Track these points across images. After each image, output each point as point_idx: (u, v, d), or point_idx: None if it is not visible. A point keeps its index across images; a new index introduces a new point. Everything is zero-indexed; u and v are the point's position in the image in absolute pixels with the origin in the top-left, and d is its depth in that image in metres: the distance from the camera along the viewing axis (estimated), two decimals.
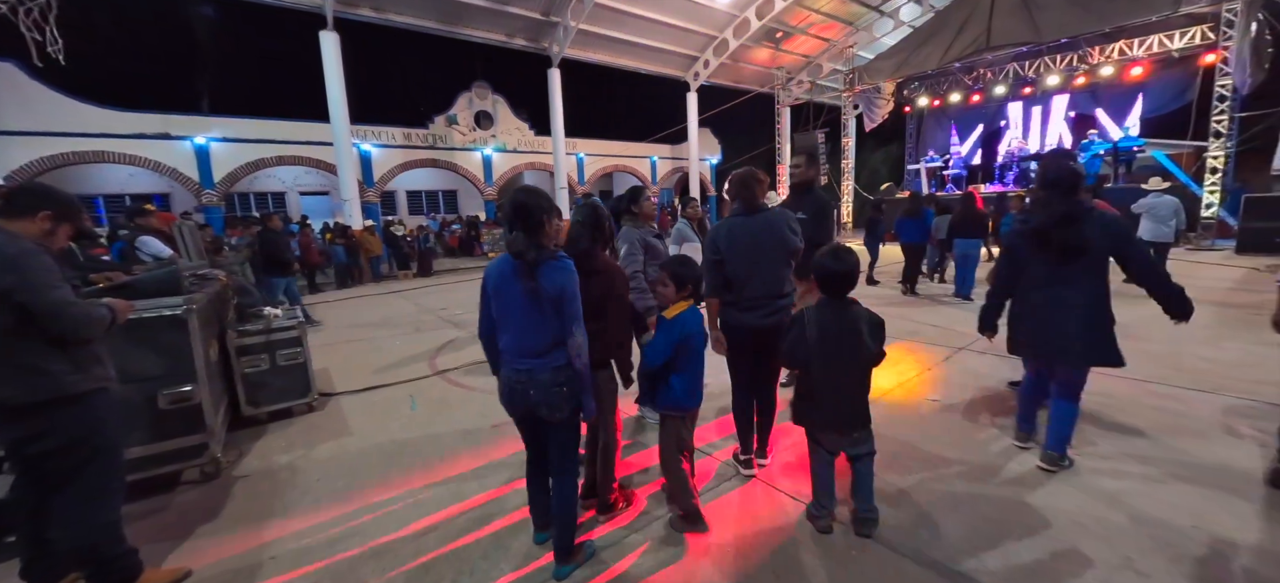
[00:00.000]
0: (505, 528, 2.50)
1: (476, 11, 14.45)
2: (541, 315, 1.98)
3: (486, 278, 2.08)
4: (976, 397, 3.80)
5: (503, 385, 2.11)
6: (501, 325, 2.07)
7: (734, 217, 2.70)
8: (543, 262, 1.95)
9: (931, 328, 5.72)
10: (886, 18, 17.68)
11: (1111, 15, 11.59)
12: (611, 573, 2.18)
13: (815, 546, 2.27)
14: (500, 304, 2.05)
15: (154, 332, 2.92)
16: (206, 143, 15.43)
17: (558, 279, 1.96)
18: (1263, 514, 2.32)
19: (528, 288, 1.95)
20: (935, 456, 2.99)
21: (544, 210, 1.97)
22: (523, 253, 1.94)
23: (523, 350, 2.02)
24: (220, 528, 2.65)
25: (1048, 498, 2.51)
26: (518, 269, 1.97)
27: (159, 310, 2.93)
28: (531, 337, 2.01)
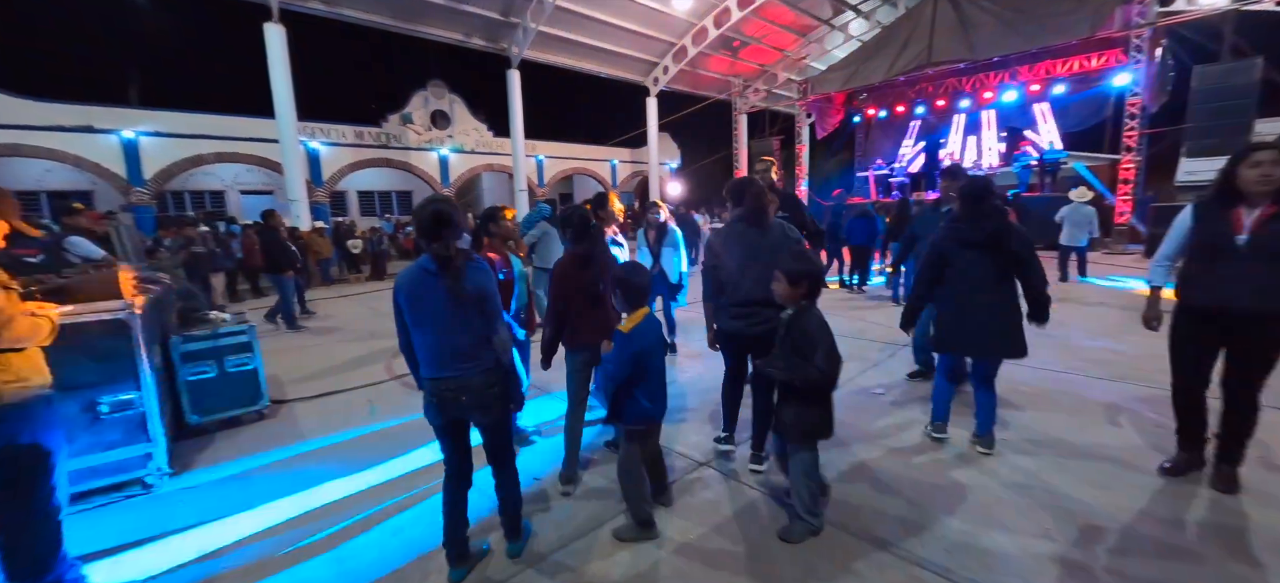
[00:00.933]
0: (475, 531, 2.53)
1: (433, 9, 14.18)
2: (466, 317, 2.02)
3: (398, 290, 2.02)
4: (914, 389, 4.08)
5: (429, 396, 2.07)
6: (421, 333, 2.04)
7: (736, 223, 2.79)
8: (463, 264, 2.00)
9: (876, 325, 6.06)
10: (837, 32, 18.48)
11: (1037, 37, 12.55)
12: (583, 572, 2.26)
13: (775, 531, 2.41)
14: (419, 312, 2.01)
15: (93, 337, 2.78)
16: (136, 137, 14.46)
17: (479, 279, 2.04)
18: (1153, 486, 2.63)
19: (451, 289, 1.97)
20: (879, 443, 3.21)
21: (458, 218, 2.02)
22: (449, 257, 1.97)
23: (449, 355, 2.03)
24: (168, 544, 2.56)
25: (977, 477, 2.76)
26: (440, 273, 1.97)
27: (98, 315, 2.80)
28: (457, 339, 2.03)
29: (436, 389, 2.04)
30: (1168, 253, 2.64)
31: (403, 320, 2.05)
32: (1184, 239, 2.55)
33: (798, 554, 2.25)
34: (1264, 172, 2.24)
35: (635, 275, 2.37)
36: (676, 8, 15.94)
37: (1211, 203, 2.44)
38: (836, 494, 2.67)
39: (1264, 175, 2.24)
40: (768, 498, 2.67)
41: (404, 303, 2.01)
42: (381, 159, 19.19)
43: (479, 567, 2.25)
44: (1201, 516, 2.39)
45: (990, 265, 2.86)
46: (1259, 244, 2.27)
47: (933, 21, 13.37)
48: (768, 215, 2.76)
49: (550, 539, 2.42)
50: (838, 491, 2.70)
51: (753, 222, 2.73)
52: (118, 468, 2.90)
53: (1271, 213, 2.27)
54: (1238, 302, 2.33)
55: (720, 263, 2.72)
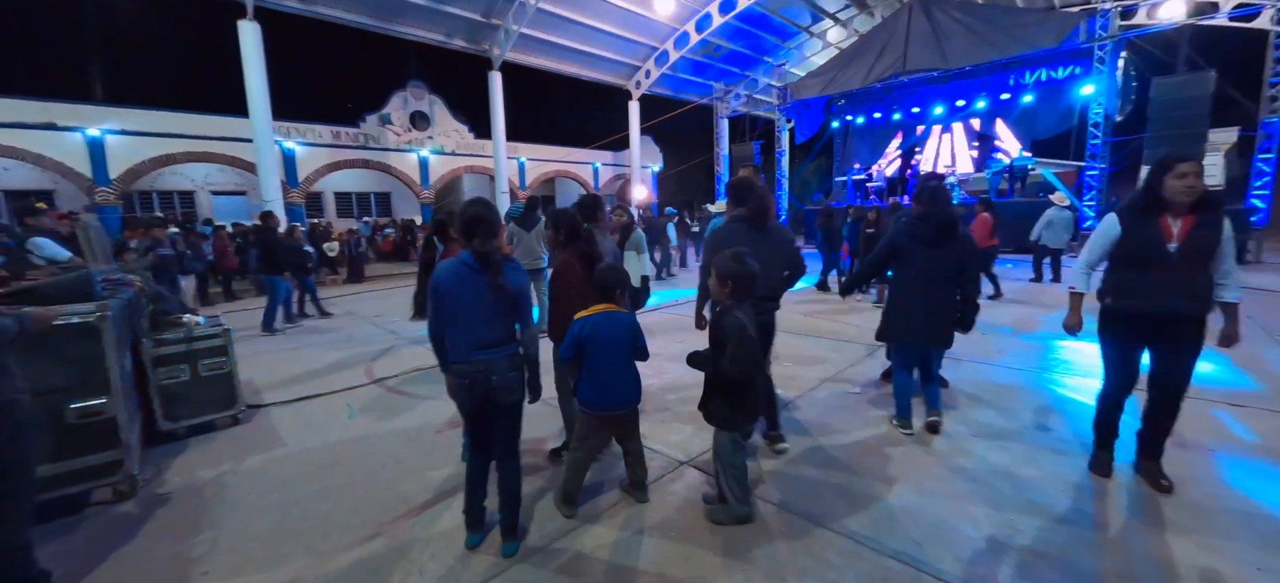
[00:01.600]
0: (454, 528, 2.53)
1: (413, 9, 14.04)
2: (500, 311, 2.24)
3: (439, 281, 2.21)
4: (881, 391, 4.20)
5: (460, 378, 2.23)
6: (455, 323, 2.22)
7: (737, 222, 2.97)
8: (505, 263, 2.24)
9: (854, 327, 6.20)
10: (816, 38, 18.80)
11: (1006, 47, 12.97)
12: (568, 557, 2.29)
13: (757, 527, 2.47)
14: (456, 303, 2.20)
15: (62, 341, 2.71)
16: (102, 135, 13.99)
17: (516, 277, 2.28)
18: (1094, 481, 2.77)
19: (493, 285, 2.19)
20: (850, 437, 3.30)
21: (498, 219, 2.29)
22: (489, 255, 2.18)
23: (480, 343, 2.21)
24: (141, 550, 2.50)
25: (942, 469, 2.86)
26: (480, 270, 2.18)
27: (68, 318, 2.73)
28: (490, 330, 2.23)
29: (467, 373, 2.22)
30: (1090, 260, 2.69)
31: (440, 311, 2.22)
32: (1108, 247, 2.60)
33: (770, 546, 2.31)
34: (1188, 183, 2.37)
35: (606, 273, 2.59)
36: (659, 11, 16.05)
37: (1137, 212, 2.52)
38: (810, 485, 2.76)
39: (1188, 186, 2.37)
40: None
41: (444, 295, 2.20)
42: (359, 160, 18.88)
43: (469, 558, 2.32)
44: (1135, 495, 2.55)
45: (939, 262, 3.15)
46: (1188, 251, 2.40)
47: (908, 31, 13.72)
48: (770, 216, 2.98)
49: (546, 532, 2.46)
50: (810, 482, 2.79)
51: (755, 222, 2.92)
52: (85, 476, 2.82)
53: (1193, 221, 2.40)
54: (1171, 306, 2.44)
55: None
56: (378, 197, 22.46)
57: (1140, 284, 2.50)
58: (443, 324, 2.24)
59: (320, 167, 17.89)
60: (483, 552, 2.37)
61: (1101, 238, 2.63)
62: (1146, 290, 2.48)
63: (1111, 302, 2.62)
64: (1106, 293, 2.65)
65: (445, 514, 2.66)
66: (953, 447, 3.18)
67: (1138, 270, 2.51)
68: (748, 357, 2.28)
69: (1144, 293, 2.49)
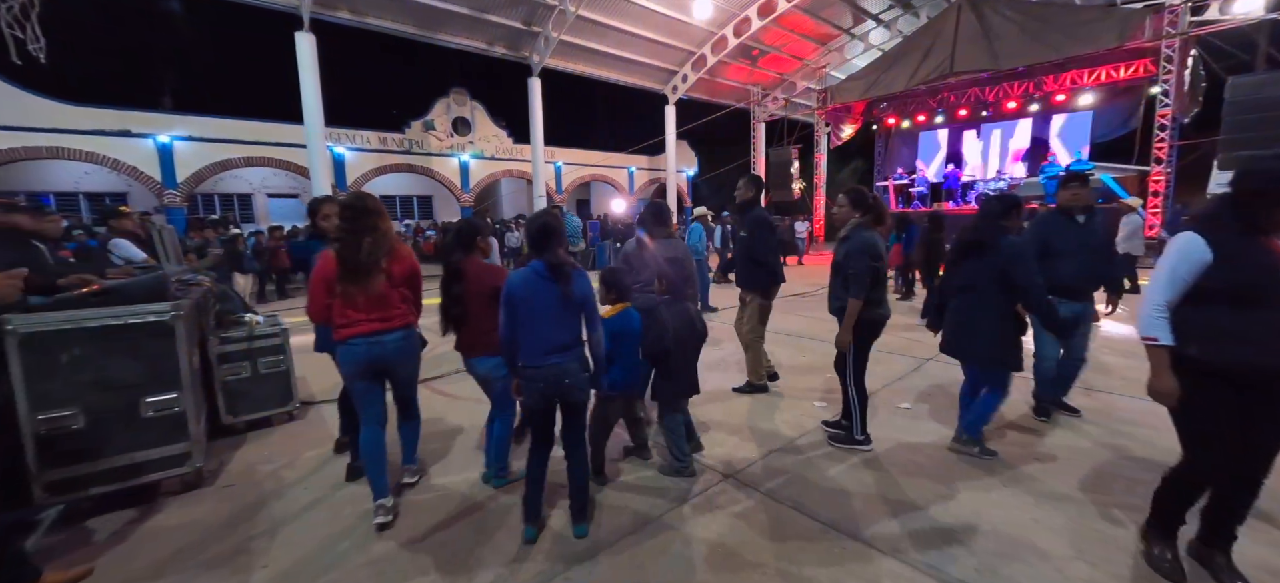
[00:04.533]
0: (502, 524, 2.56)
1: (456, 18, 14.44)
2: (570, 316, 2.40)
3: (511, 290, 2.38)
4: (941, 403, 4.03)
5: (533, 380, 2.39)
6: (528, 327, 2.37)
7: (866, 227, 3.25)
8: (571, 271, 2.39)
9: (900, 338, 5.99)
10: (857, 40, 18.41)
11: (1063, 46, 12.37)
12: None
13: (808, 547, 2.41)
14: (528, 310, 2.36)
15: (138, 339, 2.88)
16: (170, 141, 14.93)
17: (584, 285, 2.43)
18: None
19: (563, 292, 2.34)
20: (904, 455, 3.18)
21: (566, 230, 2.31)
22: (560, 264, 2.35)
23: (553, 347, 2.37)
24: (206, 538, 2.62)
25: (996, 491, 2.72)
26: (551, 278, 2.35)
27: (144, 317, 2.90)
28: (561, 334, 2.38)
29: (540, 376, 2.37)
30: (1170, 297, 1.98)
31: (510, 316, 2.38)
32: (1194, 277, 1.93)
33: (826, 570, 2.24)
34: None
35: (615, 275, 2.88)
36: (697, 17, 16.02)
37: (1232, 235, 1.92)
38: (862, 505, 2.66)
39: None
40: (793, 510, 2.67)
41: (517, 301, 2.35)
42: (404, 164, 19.55)
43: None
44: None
45: (977, 272, 3.05)
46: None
47: (955, 31, 13.27)
48: (887, 220, 3.46)
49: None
50: (861, 501, 2.69)
51: (879, 222, 3.28)
52: (156, 466, 2.98)
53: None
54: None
55: (881, 261, 3.19)
56: (420, 199, 23.18)
57: (1256, 330, 1.86)
58: (515, 329, 2.39)
59: (367, 171, 18.59)
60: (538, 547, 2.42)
61: (1184, 265, 1.95)
62: (1267, 338, 1.86)
63: (1200, 352, 1.94)
64: (1192, 341, 1.96)
65: (498, 510, 2.70)
66: (1013, 475, 3.02)
67: (1248, 311, 1.87)
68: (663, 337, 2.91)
69: (1262, 342, 1.86)
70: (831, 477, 3.01)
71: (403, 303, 2.68)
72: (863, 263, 3.08)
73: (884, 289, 3.26)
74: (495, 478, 2.98)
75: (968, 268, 3.11)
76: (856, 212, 3.25)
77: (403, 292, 2.68)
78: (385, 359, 2.64)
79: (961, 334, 3.14)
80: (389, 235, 2.60)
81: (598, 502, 2.79)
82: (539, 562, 2.34)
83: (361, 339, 2.57)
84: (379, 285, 2.55)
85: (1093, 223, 3.59)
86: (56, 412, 2.69)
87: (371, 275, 2.52)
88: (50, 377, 2.67)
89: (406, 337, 2.70)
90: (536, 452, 2.53)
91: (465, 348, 2.91)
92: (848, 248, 3.18)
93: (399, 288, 2.65)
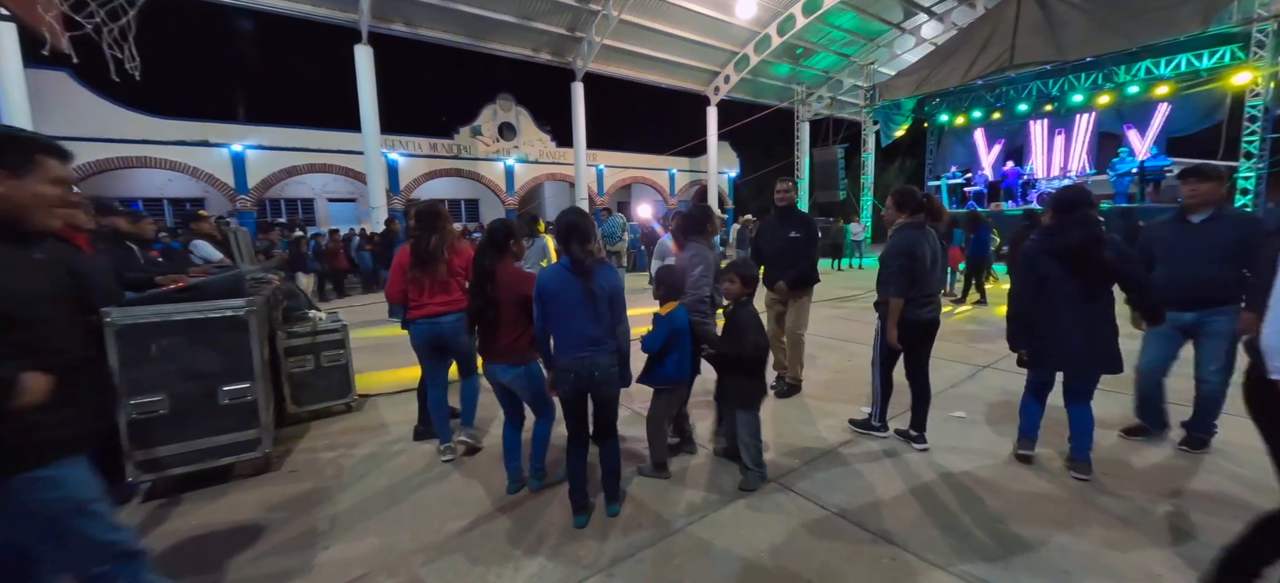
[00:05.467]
0: (549, 512, 2.63)
1: (504, 27, 14.86)
2: (597, 311, 2.46)
3: (542, 285, 2.47)
4: (999, 413, 3.84)
5: (566, 372, 2.47)
6: (559, 323, 2.46)
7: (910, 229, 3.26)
8: (593, 266, 2.43)
9: (954, 345, 5.74)
10: (908, 35, 17.75)
11: (1137, 34, 11.50)
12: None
13: (855, 560, 2.35)
14: (559, 305, 2.44)
15: (217, 332, 3.11)
16: (243, 150, 16.02)
17: (610, 279, 2.49)
18: None
19: (586, 287, 2.40)
20: (961, 464, 3.05)
21: (592, 227, 2.52)
22: (583, 261, 2.40)
23: (584, 341, 2.45)
24: (273, 520, 2.80)
25: (1062, 504, 2.56)
26: (576, 274, 2.41)
27: (222, 312, 3.13)
28: (591, 328, 2.46)
29: (572, 368, 2.45)
30: None
31: (543, 312, 2.47)
32: None
33: (863, 566, 2.18)
34: None
35: (669, 275, 2.97)
36: (739, 16, 15.87)
37: None
38: (915, 518, 2.57)
39: None
40: (839, 517, 2.61)
41: (548, 297, 2.44)
42: (453, 169, 20.25)
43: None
44: None
45: (1080, 277, 2.72)
46: None
47: (1016, 21, 12.57)
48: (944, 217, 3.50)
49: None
50: (915, 514, 2.60)
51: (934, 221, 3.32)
52: (230, 450, 3.21)
53: None
54: None
55: (917, 262, 3.17)
56: (467, 203, 23.93)
57: None
58: (548, 324, 2.47)
59: (418, 175, 19.36)
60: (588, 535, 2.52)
61: None
62: None
63: None
64: None
65: (548, 500, 2.77)
66: (1079, 491, 2.85)
67: None
68: (765, 341, 2.87)
69: None
70: (880, 485, 2.92)
71: (460, 290, 3.24)
72: (897, 262, 3.13)
73: (928, 291, 3.20)
74: (533, 479, 2.98)
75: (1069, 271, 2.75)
76: (902, 211, 3.25)
77: (460, 280, 3.25)
78: (443, 336, 3.26)
79: (1092, 345, 2.76)
80: (451, 234, 3.25)
81: (640, 498, 2.82)
82: (583, 551, 2.39)
83: (425, 320, 3.23)
84: (442, 273, 3.18)
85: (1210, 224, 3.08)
86: (146, 397, 2.94)
87: (436, 264, 3.17)
88: (141, 365, 2.92)
89: (461, 319, 3.22)
90: (574, 447, 2.61)
91: (487, 355, 2.81)
92: (886, 247, 3.27)
93: (457, 276, 3.25)
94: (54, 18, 4.15)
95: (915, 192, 3.29)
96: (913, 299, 3.16)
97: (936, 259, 3.26)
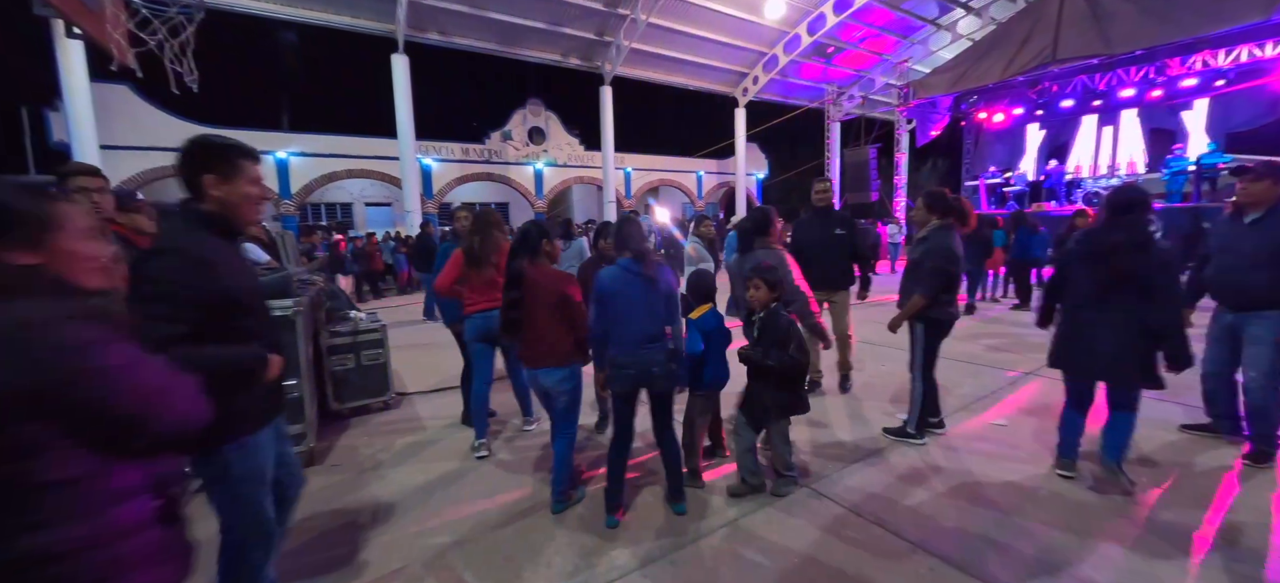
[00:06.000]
0: (582, 512, 2.67)
1: (534, 33, 15.08)
2: (656, 310, 2.52)
3: (603, 285, 2.54)
4: (1044, 422, 3.71)
5: (623, 369, 2.52)
6: (619, 321, 2.52)
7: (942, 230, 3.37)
8: (656, 267, 2.53)
9: (991, 351, 5.56)
10: (943, 31, 17.28)
11: (1192, 25, 10.91)
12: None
13: (893, 570, 2.31)
14: (619, 304, 2.52)
15: None
16: (287, 157, 16.71)
17: (669, 279, 2.56)
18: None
19: (651, 285, 2.49)
20: (1000, 476, 2.96)
21: (640, 230, 2.63)
22: (648, 258, 2.50)
23: (643, 338, 2.51)
24: (317, 510, 2.92)
25: (1103, 518, 2.46)
26: (637, 273, 2.50)
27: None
28: (650, 326, 2.52)
29: (630, 364, 2.51)
30: None
31: (602, 311, 2.54)
32: None
33: (900, 576, 2.15)
34: None
35: (700, 280, 3.00)
36: (768, 16, 15.71)
37: None
38: (953, 529, 2.51)
39: None
40: (875, 525, 2.57)
41: (608, 297, 2.52)
42: (484, 173, 20.66)
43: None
44: None
45: (1114, 281, 2.59)
46: None
47: (1059, 13, 12.09)
48: (972, 220, 3.56)
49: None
50: (952, 524, 2.54)
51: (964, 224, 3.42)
52: None
53: None
54: None
55: (957, 264, 3.29)
56: (498, 206, 24.36)
57: None
58: (606, 323, 2.54)
59: (451, 180, 19.83)
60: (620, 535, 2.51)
61: None
62: None
63: None
64: None
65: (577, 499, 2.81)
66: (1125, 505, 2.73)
67: None
68: (805, 349, 2.73)
69: None
70: (919, 494, 2.86)
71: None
72: (939, 264, 3.22)
73: (955, 292, 3.37)
74: (555, 503, 2.77)
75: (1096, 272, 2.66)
76: (933, 214, 3.34)
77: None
78: (491, 332, 3.41)
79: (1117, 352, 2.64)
80: (500, 239, 3.46)
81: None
82: (616, 551, 2.41)
83: (479, 314, 3.46)
84: (490, 274, 3.38)
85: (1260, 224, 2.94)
86: None
87: (485, 266, 3.39)
88: None
89: None
90: (619, 446, 2.66)
91: (530, 359, 2.78)
92: (925, 248, 3.30)
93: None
94: (121, 35, 4.47)
95: (946, 194, 3.38)
96: (943, 299, 3.28)
97: (961, 260, 3.43)
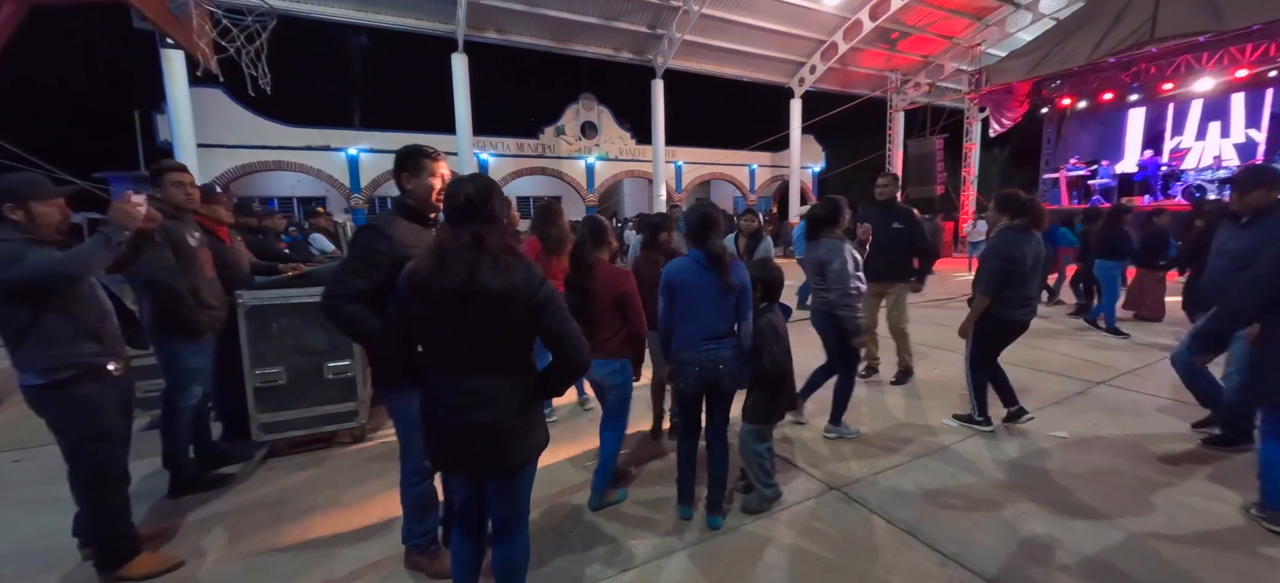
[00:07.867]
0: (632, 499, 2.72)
1: (587, 29, 15.28)
2: (725, 306, 2.43)
3: (672, 278, 2.47)
4: (1112, 435, 3.40)
5: (689, 365, 2.44)
6: (685, 316, 2.45)
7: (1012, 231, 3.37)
8: (730, 261, 2.42)
9: (1059, 355, 5.14)
10: (1022, 11, 16.00)
11: None
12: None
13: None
14: (688, 298, 2.44)
15: None
16: (357, 153, 17.82)
17: (742, 275, 2.46)
18: None
19: (722, 283, 2.38)
20: (1049, 494, 2.74)
21: (722, 221, 2.51)
22: (720, 255, 2.39)
23: (711, 334, 2.43)
24: (367, 479, 3.12)
25: None
26: (710, 268, 2.40)
27: None
28: (718, 322, 2.43)
29: (697, 360, 2.43)
30: None
31: (670, 304, 2.49)
32: None
33: None
34: None
35: (771, 269, 2.82)
36: (827, 3, 15.14)
37: None
38: (986, 535, 2.36)
39: None
40: (907, 534, 2.46)
41: (676, 290, 2.45)
42: (537, 167, 21.20)
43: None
44: None
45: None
46: None
47: None
48: (1044, 221, 3.50)
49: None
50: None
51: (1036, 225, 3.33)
52: (334, 420, 3.62)
53: None
54: None
55: (1015, 264, 3.24)
56: (551, 199, 24.92)
57: None
58: (673, 318, 2.48)
59: (506, 174, 20.47)
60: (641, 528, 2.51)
61: None
62: None
63: None
64: None
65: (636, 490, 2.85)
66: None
67: None
68: (784, 354, 2.58)
69: None
70: (957, 504, 2.70)
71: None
72: (994, 263, 3.26)
73: (1026, 293, 3.30)
74: (594, 499, 2.74)
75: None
76: (1003, 214, 3.37)
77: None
78: None
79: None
80: (566, 228, 3.70)
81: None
82: (637, 543, 2.43)
83: None
84: (562, 263, 3.48)
85: None
86: (268, 369, 3.38)
87: (561, 254, 3.59)
88: (265, 341, 3.37)
89: None
90: (686, 439, 2.62)
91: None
92: (988, 247, 3.41)
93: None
94: (205, 43, 4.95)
95: (1019, 195, 3.40)
96: (1008, 300, 3.27)
97: (1038, 261, 3.33)
